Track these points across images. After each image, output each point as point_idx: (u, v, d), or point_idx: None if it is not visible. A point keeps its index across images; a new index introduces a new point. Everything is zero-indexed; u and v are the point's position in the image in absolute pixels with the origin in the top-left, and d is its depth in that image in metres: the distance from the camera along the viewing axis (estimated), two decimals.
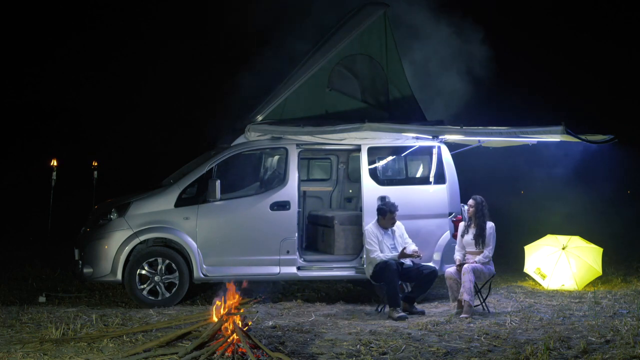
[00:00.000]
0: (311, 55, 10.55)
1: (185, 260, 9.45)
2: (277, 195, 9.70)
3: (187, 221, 9.47)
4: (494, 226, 9.10)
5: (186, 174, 9.75)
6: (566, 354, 6.88)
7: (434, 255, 9.80)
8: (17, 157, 25.92)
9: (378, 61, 10.53)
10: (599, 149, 9.75)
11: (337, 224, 10.03)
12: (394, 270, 8.83)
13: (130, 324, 8.19)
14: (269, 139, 9.86)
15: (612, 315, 8.75)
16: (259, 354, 6.47)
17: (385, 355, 6.88)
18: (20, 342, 7.16)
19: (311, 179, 11.35)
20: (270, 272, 9.62)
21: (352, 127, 9.21)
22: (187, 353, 6.50)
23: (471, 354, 6.92)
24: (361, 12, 10.62)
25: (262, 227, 9.61)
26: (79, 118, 28.48)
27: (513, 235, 14.35)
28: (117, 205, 9.62)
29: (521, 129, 8.97)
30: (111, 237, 9.39)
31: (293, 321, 8.43)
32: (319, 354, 6.85)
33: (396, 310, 8.71)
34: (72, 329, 7.69)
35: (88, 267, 9.41)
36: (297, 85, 10.17)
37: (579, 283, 10.87)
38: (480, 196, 9.18)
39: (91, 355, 6.72)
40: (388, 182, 10.04)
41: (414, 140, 9.95)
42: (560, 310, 9.05)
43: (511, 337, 7.63)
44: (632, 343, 7.16)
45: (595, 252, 11.16)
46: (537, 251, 11.32)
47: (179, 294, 9.46)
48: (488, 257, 8.99)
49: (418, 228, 9.71)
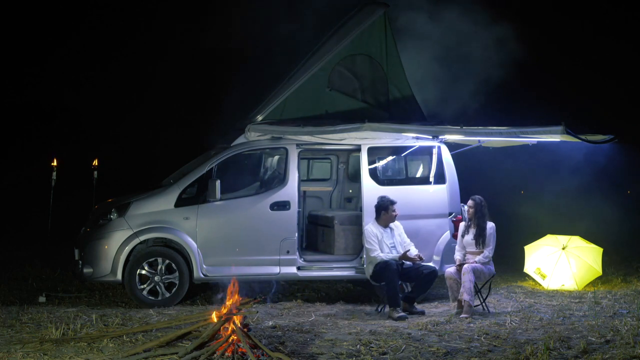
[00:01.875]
0: (311, 55, 10.55)
1: (185, 260, 9.45)
2: (277, 195, 9.70)
3: (187, 221, 9.47)
4: (494, 226, 9.10)
5: (186, 174, 9.75)
6: (566, 354, 6.88)
7: (433, 256, 9.80)
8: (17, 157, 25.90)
9: (378, 61, 10.52)
10: (599, 148, 9.75)
11: (337, 224, 10.03)
12: (394, 270, 8.83)
13: (130, 324, 8.19)
14: (269, 139, 9.85)
15: (612, 315, 8.75)
16: (258, 353, 6.47)
17: (385, 355, 6.88)
18: (20, 342, 7.17)
19: (311, 179, 11.35)
20: (270, 272, 9.62)
21: (352, 127, 9.21)
22: (187, 353, 6.50)
23: (471, 354, 6.92)
24: (361, 12, 10.61)
25: (262, 227, 9.61)
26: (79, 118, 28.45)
27: (513, 235, 14.35)
28: (117, 205, 9.62)
29: (521, 129, 8.97)
30: (111, 237, 9.39)
31: (293, 321, 8.43)
32: (319, 354, 6.85)
33: (396, 310, 8.71)
34: (72, 329, 7.69)
35: (88, 267, 9.42)
36: (297, 85, 10.17)
37: (579, 283, 10.87)
38: (479, 196, 9.18)
39: (91, 355, 6.72)
40: (388, 182, 10.05)
41: (414, 140, 9.95)
42: (560, 310, 9.05)
43: (511, 337, 7.63)
44: (632, 343, 7.16)
45: (595, 252, 11.16)
46: (537, 251, 11.32)
47: (179, 294, 9.46)
48: (488, 257, 8.99)
49: (418, 228, 9.71)
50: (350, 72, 10.51)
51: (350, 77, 10.52)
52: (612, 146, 9.13)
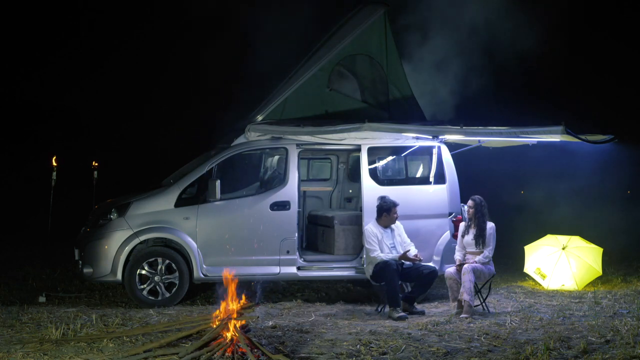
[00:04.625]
0: (311, 55, 10.55)
1: (185, 260, 9.45)
2: (277, 195, 9.70)
3: (187, 221, 9.47)
4: (494, 226, 9.10)
5: (186, 174, 9.75)
6: (566, 354, 6.88)
7: (433, 256, 9.80)
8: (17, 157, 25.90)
9: (378, 61, 10.53)
10: (599, 148, 9.75)
11: (337, 224, 10.03)
12: (393, 270, 8.83)
13: (130, 324, 8.19)
14: (269, 139, 9.85)
15: (612, 315, 8.75)
16: (258, 354, 6.47)
17: (385, 355, 6.88)
18: (20, 342, 7.17)
19: (311, 179, 11.36)
20: (270, 272, 9.62)
21: (352, 127, 9.20)
22: (187, 353, 6.50)
23: (471, 354, 6.91)
24: (361, 12, 10.62)
25: (262, 227, 9.60)
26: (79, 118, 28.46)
27: (513, 235, 14.34)
28: (117, 205, 9.62)
29: (521, 129, 8.97)
30: (111, 237, 9.39)
31: (293, 321, 8.43)
32: (319, 354, 6.85)
33: (396, 310, 8.71)
34: (72, 329, 7.69)
35: (88, 267, 9.42)
36: (297, 85, 10.17)
37: (579, 283, 10.87)
38: (479, 196, 9.18)
39: (91, 355, 6.72)
40: (388, 182, 10.05)
41: (414, 140, 9.95)
42: (560, 310, 9.05)
43: (511, 337, 7.62)
44: (632, 343, 7.16)
45: (595, 252, 11.16)
46: (537, 251, 11.32)
47: (179, 294, 9.46)
48: (488, 257, 8.99)
49: (418, 228, 9.71)
50: (350, 72, 10.52)
51: (350, 77, 10.53)
52: (612, 146, 9.13)
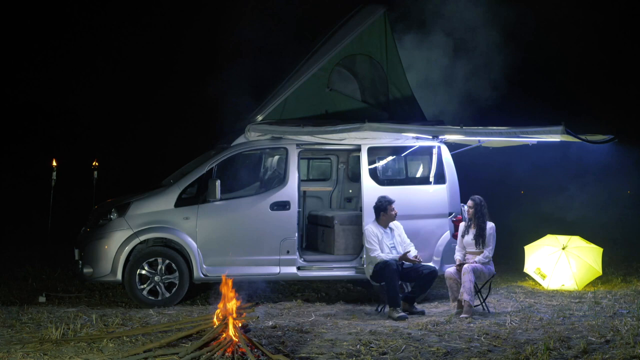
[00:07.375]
0: (311, 55, 10.55)
1: (185, 260, 9.45)
2: (277, 195, 9.71)
3: (187, 221, 9.47)
4: (494, 226, 9.10)
5: (186, 174, 9.75)
6: (566, 354, 6.88)
7: (433, 256, 9.80)
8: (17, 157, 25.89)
9: (378, 61, 10.52)
10: (599, 149, 9.75)
11: (337, 224, 10.03)
12: (394, 270, 8.83)
13: (130, 324, 8.19)
14: (269, 139, 9.85)
15: (612, 315, 8.75)
16: (258, 353, 6.47)
17: (385, 355, 6.88)
18: (20, 342, 7.17)
19: (311, 179, 11.36)
20: (270, 272, 9.62)
21: (352, 127, 9.21)
22: (187, 353, 6.50)
23: (471, 354, 6.91)
24: (361, 12, 10.62)
25: (262, 227, 9.61)
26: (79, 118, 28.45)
27: (513, 235, 14.35)
28: (117, 205, 9.62)
29: (521, 129, 8.97)
30: (111, 237, 9.39)
31: (293, 321, 8.43)
32: (319, 354, 6.85)
33: (396, 310, 8.71)
34: (72, 329, 7.69)
35: (88, 267, 9.42)
36: (297, 85, 10.17)
37: (579, 283, 10.87)
38: (479, 196, 9.18)
39: (91, 355, 6.72)
40: (388, 182, 10.05)
41: (414, 140, 9.95)
42: (560, 310, 9.05)
43: (511, 337, 7.62)
44: (632, 343, 7.15)
45: (595, 252, 11.16)
46: (537, 251, 11.32)
47: (179, 294, 9.46)
48: (488, 257, 8.99)
49: (418, 228, 9.71)
50: (350, 72, 10.52)
51: (350, 77, 10.53)
52: (612, 146, 9.13)
